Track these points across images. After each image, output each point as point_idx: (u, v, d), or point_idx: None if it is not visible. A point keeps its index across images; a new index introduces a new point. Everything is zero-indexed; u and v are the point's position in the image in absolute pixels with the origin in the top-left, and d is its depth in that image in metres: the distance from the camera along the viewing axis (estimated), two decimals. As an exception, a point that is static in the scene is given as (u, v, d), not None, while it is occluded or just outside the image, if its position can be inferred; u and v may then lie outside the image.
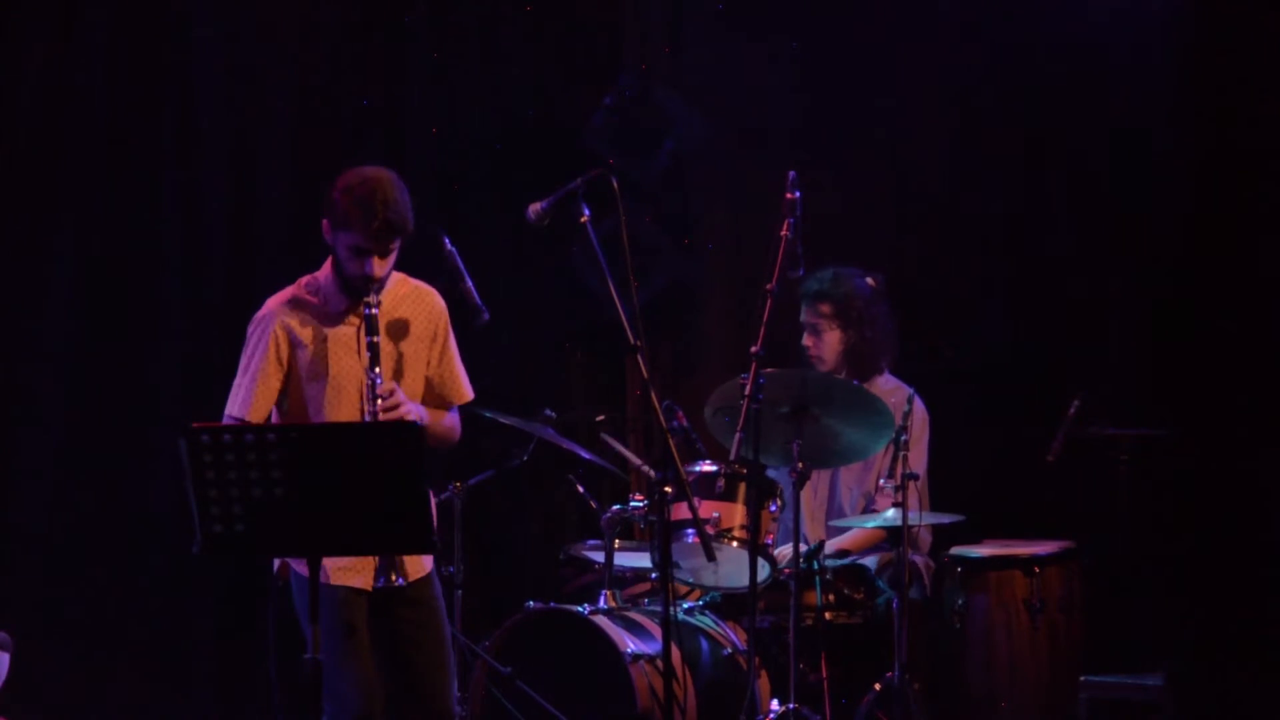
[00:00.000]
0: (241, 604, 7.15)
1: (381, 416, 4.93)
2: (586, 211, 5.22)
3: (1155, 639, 6.50)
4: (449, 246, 5.78)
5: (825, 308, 6.59)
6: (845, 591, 6.24)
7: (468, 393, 5.33)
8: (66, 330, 7.03)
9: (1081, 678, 6.16)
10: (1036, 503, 6.90)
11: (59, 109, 7.05)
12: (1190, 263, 7.02)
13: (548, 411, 6.50)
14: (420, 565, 5.11)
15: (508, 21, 7.84)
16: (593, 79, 7.88)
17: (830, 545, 6.41)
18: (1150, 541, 6.73)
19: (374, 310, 5.00)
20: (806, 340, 6.63)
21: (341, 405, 5.08)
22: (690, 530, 5.81)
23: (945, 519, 6.22)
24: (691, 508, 5.39)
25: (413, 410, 5.04)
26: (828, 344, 6.60)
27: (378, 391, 4.94)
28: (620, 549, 6.36)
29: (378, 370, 4.96)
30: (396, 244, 5.05)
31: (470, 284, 5.67)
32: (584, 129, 7.73)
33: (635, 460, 6.45)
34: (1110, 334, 7.23)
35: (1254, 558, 6.78)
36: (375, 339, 4.98)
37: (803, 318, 6.63)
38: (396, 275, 5.22)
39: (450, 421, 5.29)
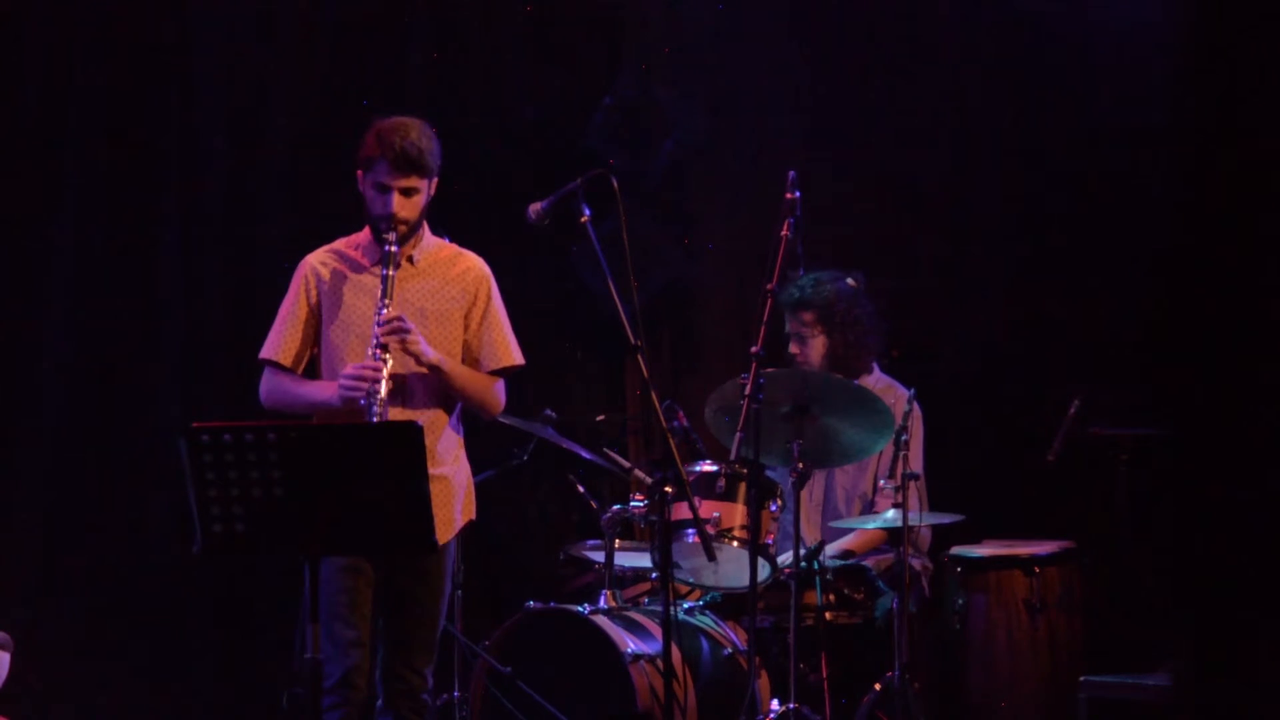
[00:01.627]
0: (241, 604, 7.16)
1: (383, 339, 4.98)
2: (586, 211, 5.23)
3: (1155, 639, 6.50)
4: (449, 246, 5.79)
5: (807, 316, 6.55)
6: (845, 592, 6.24)
7: (510, 356, 5.34)
8: (66, 330, 7.03)
9: (1081, 678, 6.16)
10: (1036, 503, 6.90)
11: (59, 108, 7.05)
12: (1191, 262, 7.03)
13: (548, 411, 6.50)
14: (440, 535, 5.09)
15: (508, 21, 7.84)
16: (593, 79, 7.88)
17: (833, 547, 6.41)
18: (1150, 541, 6.73)
19: (392, 247, 5.09)
20: (793, 348, 6.61)
21: (360, 351, 5.13)
22: (690, 530, 5.80)
23: (945, 519, 6.21)
24: (692, 508, 5.39)
25: (425, 347, 5.08)
26: (814, 350, 6.57)
27: (381, 318, 4.99)
28: (620, 549, 6.36)
29: (387, 302, 5.03)
30: (419, 183, 5.14)
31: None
32: (584, 129, 7.73)
33: (635, 470, 6.46)
34: (1110, 334, 7.23)
35: (1256, 558, 6.79)
36: (390, 272, 5.07)
37: (787, 328, 6.61)
38: (439, 240, 5.33)
39: (488, 383, 5.29)
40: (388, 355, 4.99)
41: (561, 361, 7.95)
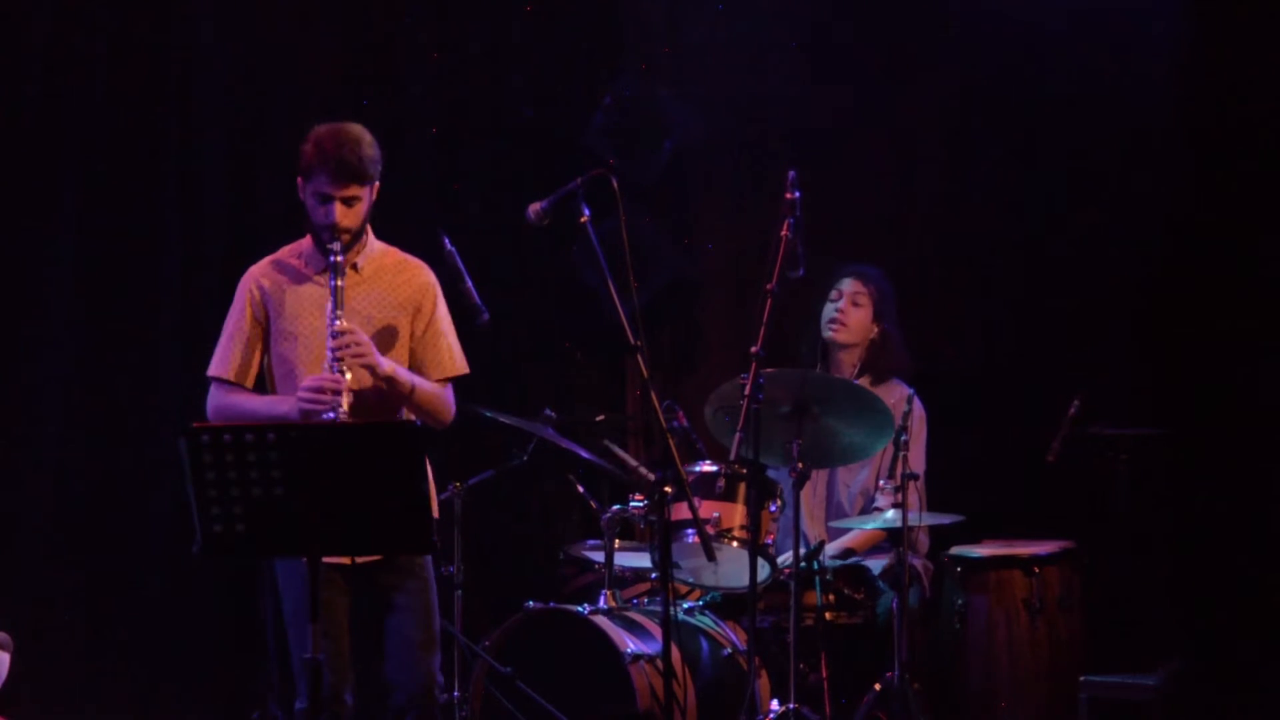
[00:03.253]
0: (241, 604, 7.15)
1: (339, 354, 4.96)
2: (586, 211, 5.22)
3: (1155, 639, 6.51)
4: (449, 246, 5.79)
5: (871, 289, 6.67)
6: (845, 591, 6.24)
7: (455, 366, 5.32)
8: (66, 329, 7.03)
9: (1081, 678, 6.16)
10: (1036, 503, 6.90)
11: (59, 108, 7.04)
12: (1189, 263, 7.04)
13: (548, 411, 6.50)
14: None
15: (508, 21, 7.84)
16: (593, 79, 7.88)
17: (834, 545, 6.42)
18: (1150, 541, 6.73)
19: (337, 258, 5.08)
20: (843, 306, 6.64)
21: (311, 365, 5.13)
22: (690, 530, 5.81)
23: (945, 519, 6.22)
24: (691, 508, 5.39)
25: (379, 358, 5.06)
26: (860, 320, 6.65)
27: (334, 329, 4.98)
28: (620, 549, 6.37)
29: (340, 313, 5.02)
30: (359, 192, 5.12)
31: (470, 284, 5.68)
32: (584, 129, 7.73)
33: (635, 465, 6.46)
34: (1110, 334, 7.23)
35: (1251, 557, 6.80)
36: (339, 283, 5.05)
37: (845, 288, 6.67)
38: (384, 246, 5.28)
39: (438, 391, 5.27)
40: (345, 368, 4.98)
41: (561, 361, 7.95)
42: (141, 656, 7.07)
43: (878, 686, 5.97)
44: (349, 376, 4.97)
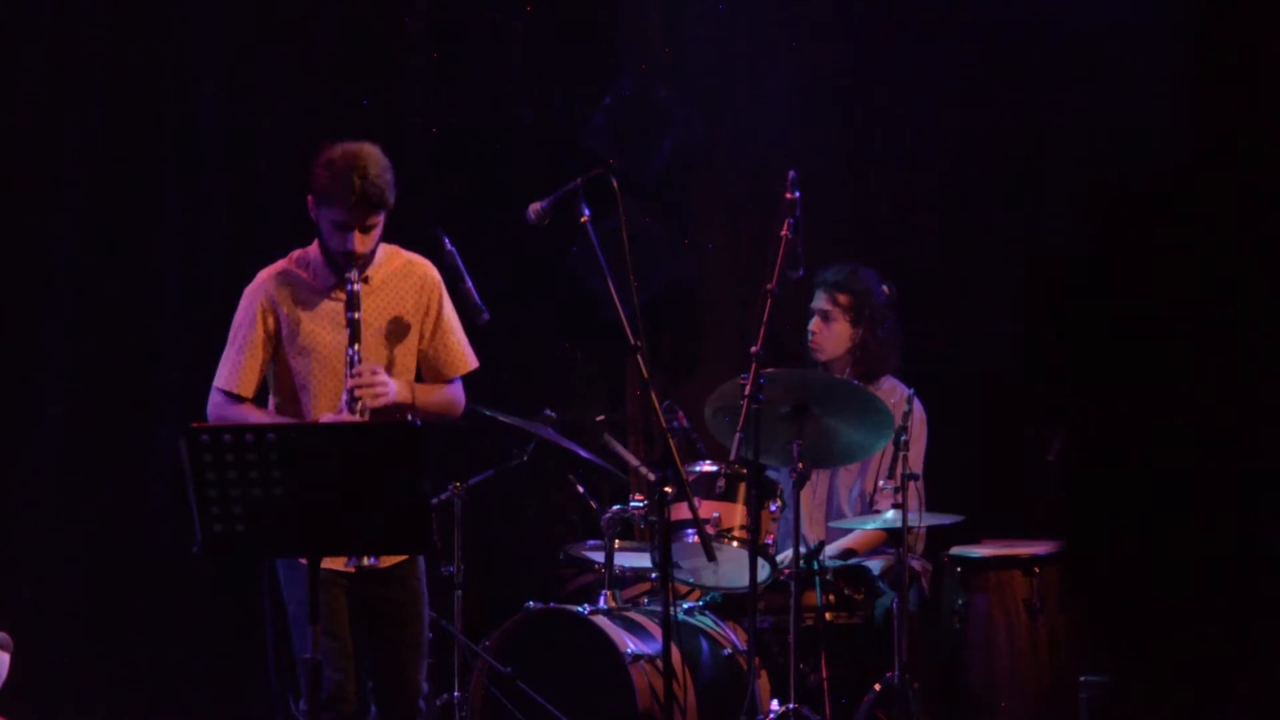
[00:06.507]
0: (241, 604, 7.15)
1: (357, 394, 4.94)
2: (586, 211, 5.22)
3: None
4: (449, 246, 5.79)
5: (843, 298, 6.59)
6: (845, 592, 6.24)
7: (468, 362, 5.32)
8: (66, 330, 7.03)
9: (1081, 678, 6.15)
10: (1036, 503, 6.89)
11: (59, 109, 7.04)
12: (1189, 262, 7.04)
13: (548, 411, 6.50)
14: None
15: (508, 21, 7.84)
16: (593, 79, 7.88)
17: (834, 546, 6.41)
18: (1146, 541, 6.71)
19: (355, 286, 5.02)
20: (814, 326, 6.61)
21: (326, 380, 5.11)
22: (690, 530, 5.81)
23: (945, 519, 6.21)
24: (691, 508, 5.39)
25: (391, 390, 5.04)
26: (835, 334, 6.59)
27: (354, 370, 4.96)
28: (620, 549, 6.36)
29: (357, 347, 4.98)
30: (378, 219, 5.07)
31: (470, 284, 5.68)
32: (584, 129, 7.73)
33: (635, 462, 6.45)
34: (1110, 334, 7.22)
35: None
36: (356, 315, 5.01)
37: (815, 304, 6.62)
38: (390, 248, 5.25)
39: (449, 394, 5.29)
40: (362, 407, 4.96)
41: (561, 361, 7.95)
42: (142, 656, 7.07)
43: (878, 686, 5.97)
44: (369, 415, 4.97)
